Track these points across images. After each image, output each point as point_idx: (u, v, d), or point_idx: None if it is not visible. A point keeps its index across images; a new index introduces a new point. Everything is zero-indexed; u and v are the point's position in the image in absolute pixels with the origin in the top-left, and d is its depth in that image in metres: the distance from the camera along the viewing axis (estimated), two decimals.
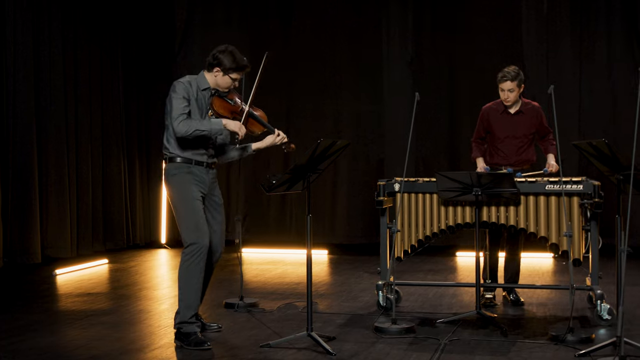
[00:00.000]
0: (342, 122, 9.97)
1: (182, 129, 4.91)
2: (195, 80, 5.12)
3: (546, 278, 7.62)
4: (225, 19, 10.21)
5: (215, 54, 5.10)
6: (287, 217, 10.14)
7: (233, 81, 5.12)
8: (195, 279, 5.00)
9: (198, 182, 5.09)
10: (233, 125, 5.04)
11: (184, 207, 5.05)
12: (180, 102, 4.97)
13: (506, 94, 6.15)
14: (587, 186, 5.52)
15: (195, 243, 4.97)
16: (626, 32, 9.13)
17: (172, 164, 5.11)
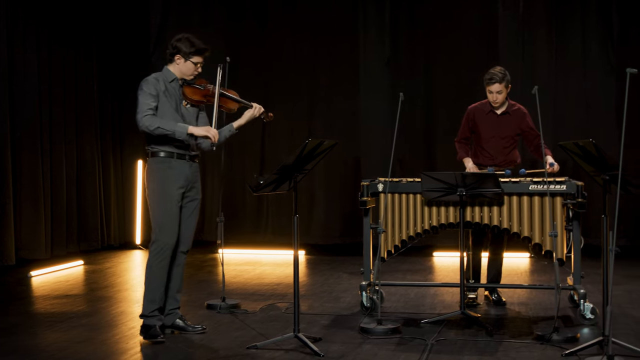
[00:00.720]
0: (318, 122, 9.95)
1: (145, 123, 4.97)
2: (161, 75, 5.16)
3: (525, 277, 7.66)
4: (200, 20, 10.14)
5: (173, 42, 5.16)
6: (263, 217, 10.10)
7: (195, 66, 5.16)
8: (158, 276, 5.12)
9: (179, 178, 5.11)
10: (200, 131, 5.04)
11: (158, 205, 5.11)
12: (147, 97, 5.01)
13: (495, 96, 6.16)
14: (570, 186, 5.56)
15: (159, 241, 5.09)
16: (601, 34, 9.22)
17: (154, 158, 5.13)
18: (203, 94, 5.21)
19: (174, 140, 5.06)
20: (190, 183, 5.19)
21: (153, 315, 5.14)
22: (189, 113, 5.22)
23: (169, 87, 5.12)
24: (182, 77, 5.18)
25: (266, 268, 8.43)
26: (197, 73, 5.21)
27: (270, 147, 10.05)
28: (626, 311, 5.88)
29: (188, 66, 5.15)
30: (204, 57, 5.20)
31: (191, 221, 5.28)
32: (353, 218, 9.81)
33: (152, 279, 5.12)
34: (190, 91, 5.18)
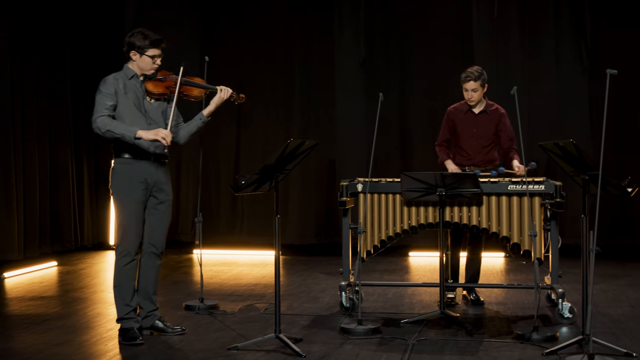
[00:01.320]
0: (293, 122, 9.92)
1: (97, 125, 4.92)
2: (122, 74, 5.08)
3: (500, 277, 7.70)
4: (175, 19, 10.07)
5: (126, 39, 5.07)
6: (238, 217, 10.04)
7: (153, 59, 5.05)
8: (127, 279, 5.09)
9: (141, 180, 5.04)
10: (149, 135, 4.91)
11: (119, 208, 5.08)
12: (104, 98, 4.95)
13: (470, 94, 6.20)
14: (548, 186, 5.59)
15: (122, 244, 5.06)
16: (574, 35, 9.29)
17: (117, 159, 5.09)
18: (165, 86, 5.09)
19: None
20: (157, 184, 5.10)
21: (129, 318, 5.10)
22: (153, 108, 5.12)
23: (128, 84, 5.02)
24: (142, 72, 5.07)
25: (243, 269, 8.40)
26: (157, 66, 5.08)
27: (245, 147, 10.00)
28: (603, 310, 5.93)
29: (145, 61, 5.03)
30: (161, 48, 5.07)
31: (162, 223, 5.19)
32: (328, 218, 9.82)
33: (121, 282, 5.08)
34: (152, 85, 5.07)
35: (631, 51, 9.06)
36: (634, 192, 4.71)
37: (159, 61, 5.08)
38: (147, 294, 5.21)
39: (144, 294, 5.21)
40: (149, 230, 5.15)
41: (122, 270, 5.07)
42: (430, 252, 9.03)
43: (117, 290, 5.11)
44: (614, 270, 7.73)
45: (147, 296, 5.22)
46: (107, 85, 4.98)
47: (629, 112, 8.88)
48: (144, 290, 5.21)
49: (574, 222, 8.85)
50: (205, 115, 5.22)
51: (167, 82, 5.11)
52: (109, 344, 5.06)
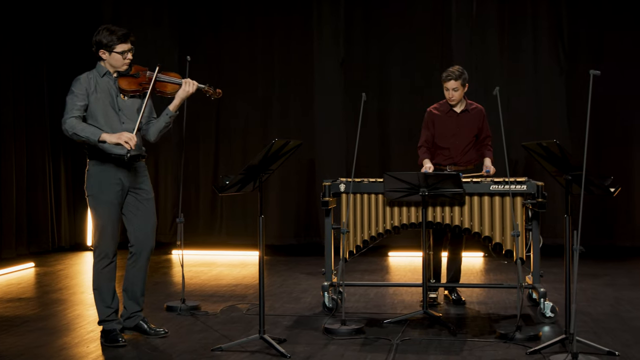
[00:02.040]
0: (272, 122, 9.90)
1: (65, 127, 4.87)
2: (94, 72, 5.00)
3: (480, 277, 7.74)
4: (154, 19, 10.00)
5: (93, 39, 4.98)
6: (216, 218, 10.00)
7: (123, 55, 4.94)
8: (105, 281, 5.04)
9: (115, 181, 4.97)
10: (112, 139, 4.81)
11: (94, 211, 5.02)
12: (74, 98, 4.89)
13: (451, 93, 6.23)
14: (530, 186, 5.62)
15: (97, 248, 5.02)
16: (552, 35, 9.36)
17: (91, 161, 5.02)
18: (139, 82, 5.00)
19: None
20: (132, 184, 5.04)
21: (111, 320, 5.05)
22: (127, 106, 5.02)
23: (100, 82, 4.94)
24: (115, 70, 4.98)
25: (223, 269, 8.36)
26: (129, 61, 4.98)
27: (224, 147, 9.96)
28: (583, 309, 5.97)
29: (115, 58, 4.93)
30: (130, 42, 4.97)
31: (147, 222, 5.12)
32: (307, 218, 9.82)
33: (100, 285, 5.03)
34: (125, 82, 4.98)
35: (608, 51, 9.14)
36: (616, 192, 4.74)
37: (130, 56, 4.97)
38: (134, 295, 5.16)
39: (130, 295, 5.16)
40: (134, 231, 5.10)
41: (101, 273, 5.02)
42: (410, 252, 9.06)
43: (96, 293, 5.06)
44: (593, 269, 7.80)
45: (133, 297, 5.16)
46: (78, 85, 4.91)
47: (605, 111, 8.96)
48: (130, 291, 5.16)
49: (552, 222, 8.97)
50: (172, 110, 5.08)
51: (140, 79, 5.01)
52: (91, 345, 5.02)
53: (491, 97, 5.53)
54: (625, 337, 5.13)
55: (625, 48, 9.15)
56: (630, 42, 9.15)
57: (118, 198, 5.00)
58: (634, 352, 4.73)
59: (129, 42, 4.97)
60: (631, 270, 8.05)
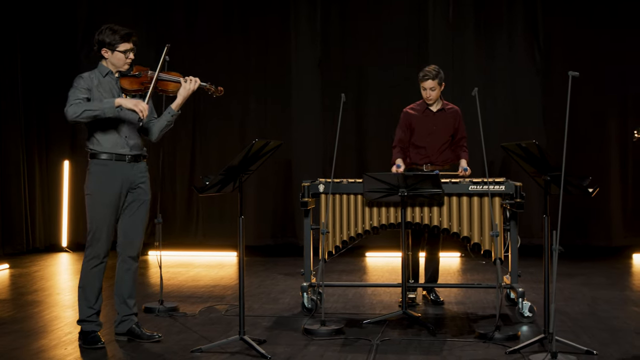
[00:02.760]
0: (249, 122, 9.86)
1: (71, 111, 4.76)
2: (96, 71, 5.00)
3: (457, 277, 7.78)
4: (129, 19, 9.90)
5: (95, 37, 4.98)
6: (193, 218, 9.94)
7: (125, 55, 4.97)
8: (93, 281, 5.00)
9: (116, 181, 4.94)
10: (128, 104, 4.80)
11: (91, 210, 4.98)
12: (77, 92, 4.84)
13: (428, 92, 6.26)
14: (509, 187, 5.66)
15: (92, 246, 4.98)
16: (527, 37, 9.42)
17: (93, 160, 4.99)
18: (140, 82, 5.01)
19: (111, 139, 4.91)
20: (132, 184, 5.01)
21: (91, 321, 5.01)
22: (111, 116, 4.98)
23: (103, 82, 4.94)
24: (117, 69, 4.99)
25: (200, 270, 8.33)
26: (130, 61, 5.00)
27: (201, 147, 9.91)
28: (561, 308, 6.01)
29: (117, 57, 4.95)
30: (133, 42, 4.99)
31: (138, 224, 5.08)
32: (284, 219, 9.79)
33: (87, 284, 4.99)
34: (127, 82, 4.99)
35: (583, 52, 9.21)
36: (594, 193, 4.78)
37: (132, 55, 4.99)
38: (123, 297, 5.11)
39: (120, 298, 5.12)
40: (125, 232, 5.07)
41: (90, 272, 4.97)
42: (387, 253, 9.08)
43: (81, 292, 5.01)
44: (568, 269, 7.87)
45: (122, 300, 5.12)
46: (80, 81, 4.89)
47: (580, 112, 9.02)
48: (119, 294, 5.12)
49: (527, 222, 9.03)
50: (174, 109, 5.11)
51: (142, 78, 5.01)
52: (69, 347, 4.97)
53: (468, 98, 5.57)
54: (603, 336, 5.17)
55: (601, 48, 9.23)
56: (606, 42, 9.23)
57: (117, 200, 4.97)
58: (611, 351, 4.77)
59: (131, 41, 4.99)
60: (606, 269, 8.14)
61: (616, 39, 9.20)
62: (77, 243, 9.90)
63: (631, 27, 9.18)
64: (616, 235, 9.27)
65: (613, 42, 9.21)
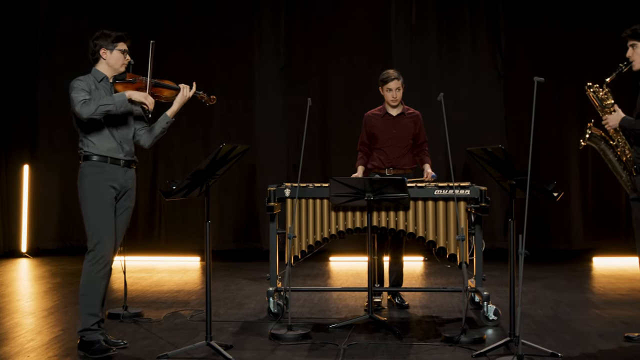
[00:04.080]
0: (213, 127, 9.81)
1: (85, 110, 4.72)
2: (90, 77, 4.96)
3: (421, 280, 7.82)
4: (90, 25, 9.77)
5: (92, 42, 4.98)
6: (155, 223, 9.85)
7: (123, 54, 5.00)
8: (97, 286, 4.86)
9: (112, 183, 4.89)
10: (138, 96, 4.87)
11: (91, 212, 4.86)
12: (80, 92, 4.80)
13: (394, 93, 6.31)
14: (474, 191, 5.70)
15: (94, 251, 4.84)
16: (490, 44, 9.51)
17: (87, 162, 4.90)
18: (136, 87, 5.00)
19: (106, 142, 4.87)
20: (124, 189, 4.97)
21: (95, 330, 4.86)
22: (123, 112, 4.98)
23: (98, 87, 4.92)
24: (113, 72, 4.98)
25: (163, 275, 8.26)
26: (127, 62, 5.03)
27: (163, 153, 9.82)
28: (525, 311, 6.06)
29: (116, 56, 4.97)
30: (128, 44, 5.03)
31: (121, 231, 5.02)
32: (248, 223, 9.75)
33: (91, 291, 4.84)
34: (122, 87, 4.98)
35: (544, 58, 9.33)
36: (559, 197, 4.84)
37: (128, 56, 5.03)
38: None
39: None
40: None
41: (94, 278, 4.82)
42: (351, 257, 9.10)
43: (83, 300, 4.86)
44: (531, 272, 7.95)
45: None
46: (80, 83, 4.84)
47: (542, 116, 9.12)
48: None
49: (489, 226, 9.11)
50: (169, 116, 5.15)
51: (137, 84, 5.01)
52: (31, 355, 4.89)
53: (431, 103, 5.62)
54: (566, 338, 5.24)
55: (562, 52, 9.36)
56: (565, 47, 9.36)
57: (113, 201, 4.91)
58: (575, 353, 4.83)
59: (126, 43, 5.02)
60: (568, 272, 8.25)
61: (577, 41, 9.34)
62: (37, 248, 9.78)
63: (592, 28, 9.32)
64: (576, 238, 9.40)
65: (574, 43, 9.35)
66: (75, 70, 5.05)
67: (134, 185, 5.09)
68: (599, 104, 5.20)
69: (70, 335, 5.32)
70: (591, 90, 5.21)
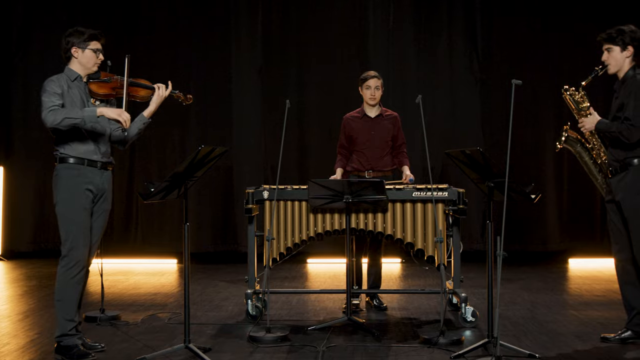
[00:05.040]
0: (189, 128, 9.77)
1: (50, 118, 4.66)
2: (63, 75, 4.90)
3: (399, 282, 7.83)
4: (66, 21, 9.72)
5: (64, 39, 4.92)
6: (132, 225, 9.80)
7: (96, 54, 4.92)
8: (72, 292, 4.81)
9: (88, 186, 4.83)
10: (112, 113, 4.74)
11: (66, 216, 4.81)
12: (51, 96, 4.74)
13: (373, 91, 6.34)
14: (451, 193, 5.72)
15: (68, 256, 4.79)
16: (467, 48, 9.56)
17: (62, 164, 4.84)
18: (111, 87, 4.95)
19: (82, 144, 4.81)
20: (100, 192, 4.92)
21: (72, 334, 4.82)
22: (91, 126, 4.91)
23: (72, 86, 4.86)
24: (86, 71, 4.91)
25: (140, 277, 8.22)
26: (100, 61, 4.95)
27: (140, 153, 9.77)
28: (502, 313, 6.10)
29: (88, 55, 4.89)
30: (101, 43, 4.95)
31: (97, 234, 4.97)
32: (225, 225, 9.72)
33: (66, 296, 4.79)
34: (96, 86, 4.92)
35: (521, 61, 9.39)
36: (537, 199, 4.87)
37: (101, 55, 4.95)
38: None
39: None
40: None
41: (69, 283, 4.78)
42: (328, 259, 9.11)
43: (59, 305, 4.81)
44: (507, 274, 8.00)
45: None
46: (52, 85, 4.77)
47: (518, 118, 9.18)
48: None
49: (466, 228, 9.16)
50: (146, 117, 5.09)
51: (112, 83, 4.96)
52: (7, 358, 4.83)
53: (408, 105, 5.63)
54: (543, 339, 5.27)
55: (536, 56, 9.44)
56: (541, 50, 9.43)
57: (90, 205, 4.86)
58: (552, 354, 4.87)
59: (100, 41, 4.94)
60: (544, 274, 8.30)
61: (553, 44, 9.42)
62: (12, 251, 9.69)
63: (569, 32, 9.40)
64: (552, 240, 9.48)
65: (551, 47, 9.43)
66: (52, 72, 4.99)
67: (111, 187, 5.04)
68: (575, 107, 5.24)
69: (46, 338, 5.28)
70: (568, 93, 5.26)
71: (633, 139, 4.91)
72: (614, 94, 5.16)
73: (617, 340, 5.14)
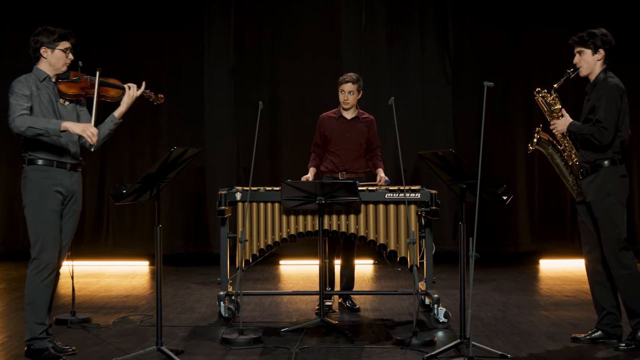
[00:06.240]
0: (161, 130, 9.71)
1: (16, 124, 4.61)
2: (32, 75, 4.84)
3: (371, 284, 7.84)
4: (36, 16, 9.60)
5: (33, 38, 4.86)
6: (103, 227, 9.72)
7: (65, 53, 4.87)
8: (42, 295, 4.76)
9: (58, 188, 4.78)
10: (76, 128, 4.68)
11: (36, 219, 4.75)
12: (20, 99, 4.68)
13: (346, 95, 6.33)
14: (424, 194, 5.74)
15: (37, 259, 4.74)
16: (439, 49, 9.60)
17: (31, 166, 4.78)
18: (80, 87, 4.90)
19: (52, 145, 4.75)
20: (70, 194, 4.86)
21: (43, 338, 4.76)
22: (67, 111, 4.90)
23: (41, 87, 4.80)
24: (55, 71, 4.85)
25: (111, 280, 8.15)
26: (70, 61, 4.89)
27: (111, 154, 9.69)
28: (474, 314, 6.13)
29: (57, 55, 4.83)
30: (71, 42, 4.89)
31: (68, 235, 4.92)
32: (197, 227, 9.68)
33: (35, 299, 4.74)
34: (65, 86, 4.87)
35: (492, 63, 9.46)
36: (509, 200, 4.90)
37: (71, 55, 4.89)
38: None
39: None
40: None
41: (39, 286, 4.72)
42: (301, 260, 9.10)
43: (29, 308, 4.76)
44: (478, 275, 8.04)
45: None
46: (20, 86, 4.71)
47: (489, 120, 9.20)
48: None
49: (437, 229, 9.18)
50: (117, 117, 5.06)
51: (81, 83, 4.90)
52: None
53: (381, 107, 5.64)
54: (515, 339, 5.30)
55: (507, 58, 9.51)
56: (512, 52, 9.51)
57: (59, 206, 4.81)
58: (523, 354, 4.90)
59: (69, 41, 4.88)
60: (515, 275, 8.36)
61: (524, 46, 9.50)
62: None
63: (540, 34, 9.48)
64: (523, 241, 9.55)
65: (522, 48, 9.50)
66: (23, 72, 4.92)
67: (81, 188, 5.00)
68: (547, 108, 5.28)
69: (15, 342, 5.21)
70: (540, 95, 5.29)
71: (604, 141, 4.96)
72: (585, 97, 5.20)
73: (588, 340, 5.19)
